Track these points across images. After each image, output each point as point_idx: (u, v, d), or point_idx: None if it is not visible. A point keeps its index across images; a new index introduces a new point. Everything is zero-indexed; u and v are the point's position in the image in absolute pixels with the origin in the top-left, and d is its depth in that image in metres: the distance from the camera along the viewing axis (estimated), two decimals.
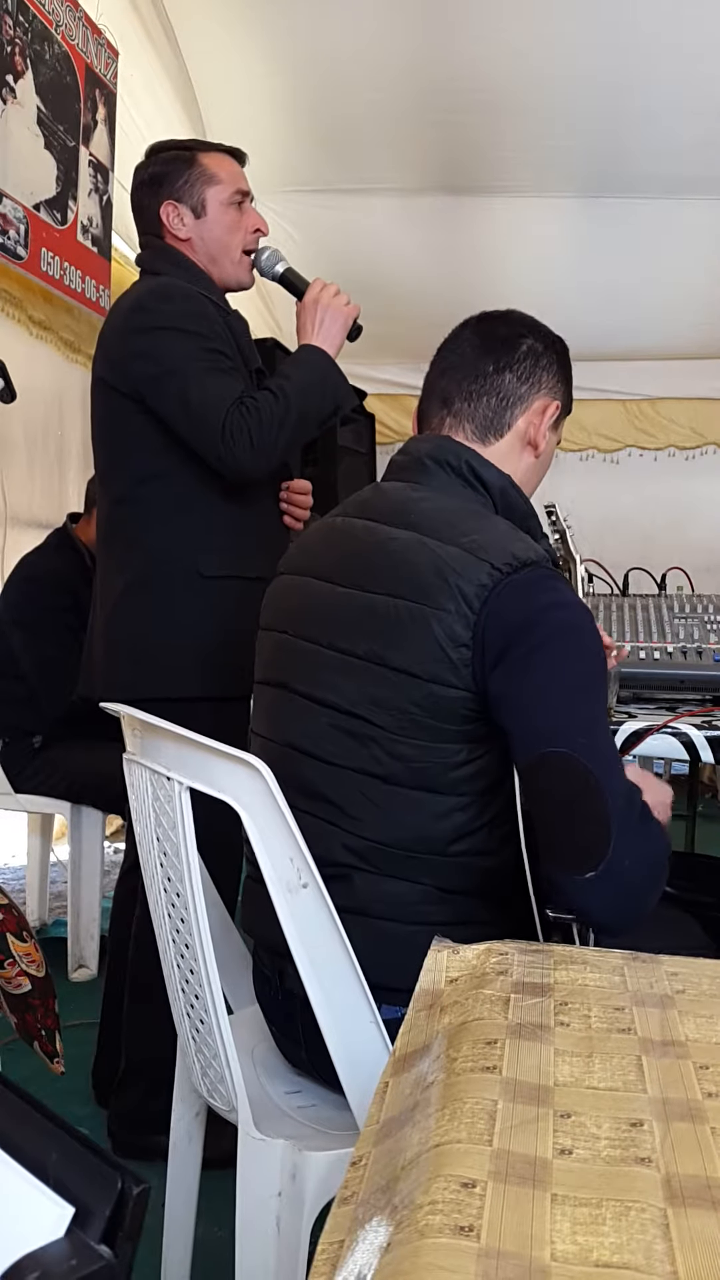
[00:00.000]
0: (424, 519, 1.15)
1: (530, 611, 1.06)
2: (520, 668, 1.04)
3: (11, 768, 2.72)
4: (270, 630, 1.29)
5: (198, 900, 1.10)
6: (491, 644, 1.05)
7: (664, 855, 1.07)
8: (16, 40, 2.83)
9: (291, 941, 1.06)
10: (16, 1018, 1.43)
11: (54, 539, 2.85)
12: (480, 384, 1.23)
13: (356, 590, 1.16)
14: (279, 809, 1.04)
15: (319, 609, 1.20)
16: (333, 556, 1.22)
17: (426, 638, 1.07)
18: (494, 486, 1.21)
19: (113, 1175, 0.44)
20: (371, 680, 1.11)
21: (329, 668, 1.16)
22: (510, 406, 1.24)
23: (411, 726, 1.09)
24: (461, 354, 1.26)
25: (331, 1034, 1.07)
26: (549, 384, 1.26)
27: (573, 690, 1.04)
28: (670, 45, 3.36)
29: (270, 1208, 1.07)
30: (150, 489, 1.76)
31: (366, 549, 1.18)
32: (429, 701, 1.08)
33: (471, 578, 1.07)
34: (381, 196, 4.23)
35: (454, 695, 1.07)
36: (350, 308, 1.79)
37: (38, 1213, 0.43)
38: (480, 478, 1.20)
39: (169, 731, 1.09)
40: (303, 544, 1.31)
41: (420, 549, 1.12)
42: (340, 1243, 0.52)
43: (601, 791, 1.00)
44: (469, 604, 1.06)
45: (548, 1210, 0.49)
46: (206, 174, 1.80)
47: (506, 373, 1.23)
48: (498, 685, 1.05)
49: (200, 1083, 1.23)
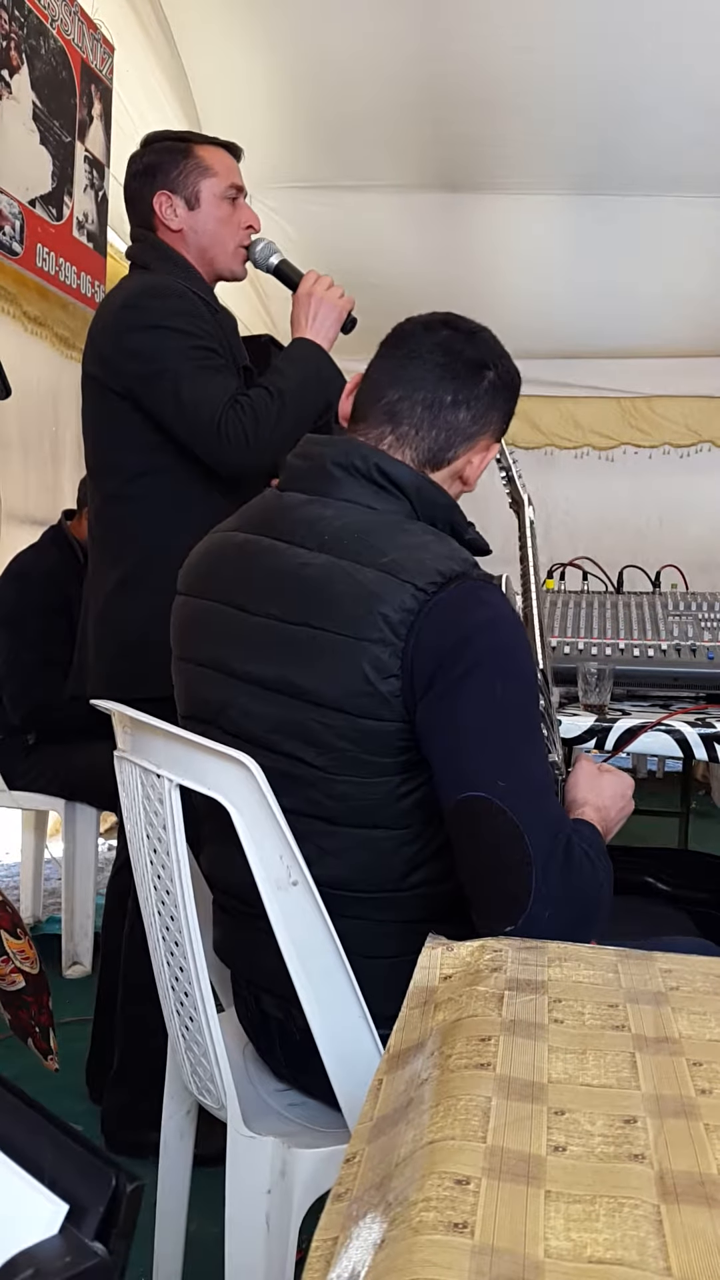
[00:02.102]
0: (337, 540, 1.08)
1: (458, 634, 1.00)
2: (444, 702, 1.00)
3: (5, 764, 2.72)
4: (181, 661, 1.22)
5: (187, 897, 1.10)
6: (420, 672, 1.00)
7: (598, 891, 1.02)
8: (12, 35, 2.82)
9: (281, 939, 1.05)
10: (10, 1014, 1.43)
11: (48, 536, 2.84)
12: (434, 413, 1.16)
13: (272, 620, 1.09)
14: (269, 806, 1.04)
15: (231, 640, 1.13)
16: (238, 579, 1.14)
17: (354, 671, 1.01)
18: (408, 486, 1.13)
19: (107, 1172, 0.44)
20: (301, 718, 1.05)
21: (251, 704, 1.10)
22: (457, 445, 1.17)
23: (347, 763, 1.04)
24: (422, 368, 1.16)
25: (321, 1032, 1.07)
26: (496, 423, 1.21)
27: (495, 727, 0.99)
28: (668, 43, 3.36)
29: (260, 1205, 1.07)
30: (142, 486, 1.75)
31: (276, 574, 1.10)
32: (360, 736, 1.03)
33: (394, 603, 1.01)
34: (378, 193, 4.22)
35: (387, 729, 1.02)
36: (345, 300, 1.79)
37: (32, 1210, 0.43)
38: (392, 479, 1.12)
39: (159, 729, 1.09)
40: (200, 562, 1.22)
41: (339, 575, 1.05)
42: (334, 1239, 0.52)
43: (520, 838, 0.95)
44: (395, 631, 1.01)
45: (541, 1207, 0.49)
46: (202, 166, 1.79)
47: (463, 409, 1.16)
48: (423, 718, 1.01)
49: (190, 1081, 1.23)
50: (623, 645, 1.99)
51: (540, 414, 5.19)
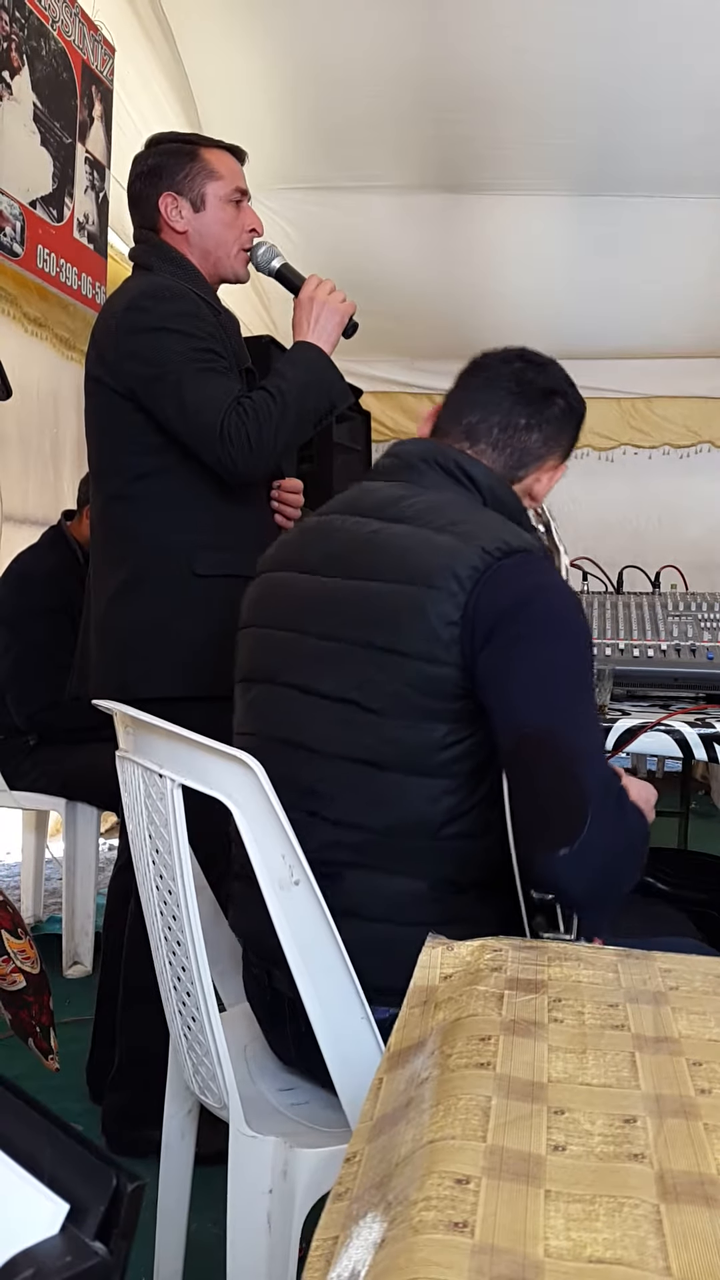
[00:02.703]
0: (415, 513, 1.18)
1: (520, 594, 1.08)
2: (507, 649, 1.06)
3: (6, 765, 2.72)
4: (249, 627, 1.30)
5: (189, 897, 1.10)
6: (481, 623, 1.07)
7: (641, 840, 1.09)
8: (13, 36, 2.82)
9: (283, 938, 1.06)
10: (11, 1014, 1.43)
11: (48, 537, 2.84)
12: (508, 435, 1.28)
13: (344, 579, 1.18)
14: (271, 806, 1.04)
15: (302, 601, 1.22)
16: (316, 551, 1.25)
17: (419, 618, 1.09)
18: (483, 484, 1.24)
19: (107, 1172, 0.44)
20: (361, 665, 1.13)
21: (315, 657, 1.17)
22: (528, 463, 1.29)
23: (403, 707, 1.10)
24: (497, 394, 1.29)
25: (323, 1030, 1.07)
26: (564, 445, 1.32)
27: (556, 675, 1.06)
28: (668, 44, 3.37)
29: (261, 1204, 1.07)
30: (144, 487, 1.75)
31: (354, 541, 1.20)
32: (420, 679, 1.10)
33: (464, 560, 1.09)
34: (379, 194, 4.22)
35: (444, 673, 1.09)
36: (346, 304, 1.79)
37: (32, 1209, 0.43)
38: (469, 475, 1.24)
39: (161, 728, 1.09)
40: (282, 543, 1.34)
41: (413, 537, 1.15)
42: (335, 1239, 0.52)
43: (579, 772, 1.02)
44: (460, 584, 1.08)
45: (541, 1206, 0.49)
46: (208, 169, 1.79)
47: (535, 431, 1.28)
48: (485, 664, 1.07)
49: (192, 1080, 1.23)
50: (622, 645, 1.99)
51: None
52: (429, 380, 5.12)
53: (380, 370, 5.05)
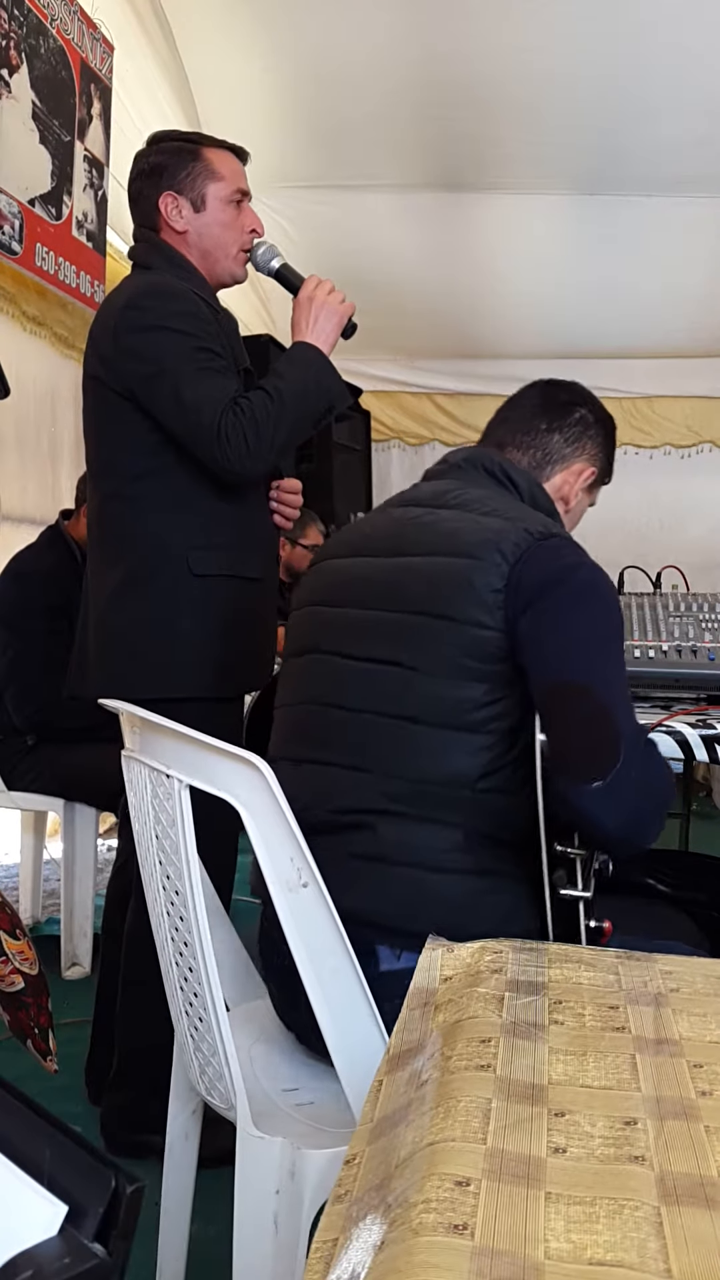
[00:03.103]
0: (463, 501, 1.30)
1: (559, 568, 1.19)
2: (546, 613, 1.16)
3: (4, 765, 2.72)
4: (301, 608, 1.39)
5: (197, 897, 1.10)
6: (524, 590, 1.17)
7: (669, 785, 1.19)
8: (11, 34, 2.82)
9: (291, 940, 1.06)
10: (10, 1015, 1.43)
11: (46, 536, 2.84)
12: (531, 438, 1.40)
13: (397, 556, 1.28)
14: (279, 807, 1.04)
15: (350, 579, 1.32)
16: (370, 536, 1.35)
17: (467, 586, 1.19)
18: (523, 486, 1.35)
19: (106, 1174, 0.44)
20: (408, 630, 1.22)
21: (360, 626, 1.27)
22: (553, 463, 1.40)
23: (446, 666, 1.19)
24: (522, 409, 1.43)
25: (330, 1031, 1.07)
26: (591, 451, 1.43)
27: (593, 639, 1.16)
28: (668, 44, 3.36)
29: (268, 1206, 1.06)
30: (142, 486, 1.75)
31: (403, 525, 1.31)
32: (466, 641, 1.18)
33: (508, 538, 1.20)
34: (378, 193, 4.22)
35: (488, 636, 1.18)
36: (345, 305, 1.78)
37: (31, 1211, 0.43)
38: (511, 477, 1.35)
39: (169, 729, 1.09)
40: (338, 537, 1.44)
41: (460, 519, 1.26)
42: (334, 1241, 0.52)
43: (613, 714, 1.11)
44: (504, 557, 1.18)
45: (541, 1208, 0.49)
46: (209, 169, 1.79)
47: (555, 434, 1.40)
48: (525, 626, 1.16)
49: (198, 1080, 1.23)
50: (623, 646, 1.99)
51: None
52: (428, 379, 5.12)
53: (380, 369, 5.05)
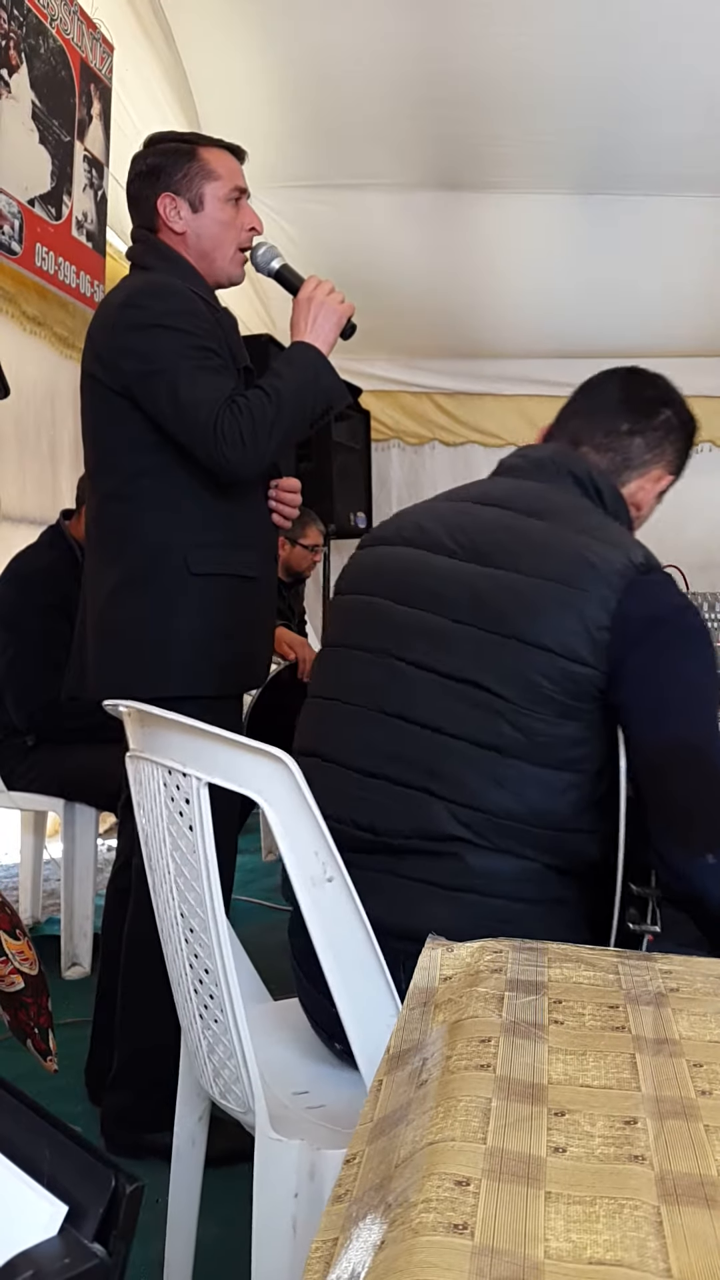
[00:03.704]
0: (555, 512, 1.24)
1: (667, 608, 1.15)
2: (656, 655, 1.12)
3: (4, 765, 2.72)
4: (358, 595, 1.32)
5: (215, 900, 1.08)
6: (631, 627, 1.13)
7: None
8: (11, 34, 2.82)
9: (314, 935, 1.05)
10: (9, 1015, 1.43)
11: (47, 536, 2.84)
12: (611, 440, 1.32)
13: (479, 565, 1.22)
14: (305, 802, 1.03)
15: (426, 578, 1.25)
16: (447, 531, 1.27)
17: (570, 617, 1.14)
18: (608, 499, 1.29)
19: (106, 1174, 0.44)
20: (491, 650, 1.16)
21: (435, 635, 1.20)
22: (632, 468, 1.33)
23: (537, 698, 1.14)
24: (604, 403, 1.34)
25: (354, 1029, 1.06)
26: (670, 457, 1.35)
27: (700, 691, 1.13)
28: (668, 43, 3.36)
29: (287, 1208, 1.06)
30: (141, 485, 1.75)
31: (490, 528, 1.25)
32: (560, 675, 1.13)
33: (614, 567, 1.15)
34: (377, 192, 4.21)
35: (587, 674, 1.13)
36: (345, 305, 1.78)
37: (31, 1211, 0.43)
38: (597, 487, 1.29)
39: (186, 726, 1.07)
40: (402, 522, 1.35)
41: (557, 536, 1.20)
42: (334, 1241, 0.52)
43: None
44: (610, 589, 1.14)
45: (541, 1208, 0.49)
46: (206, 169, 1.79)
47: (637, 437, 1.32)
48: (634, 666, 1.12)
49: (212, 1084, 1.22)
50: None
51: (540, 414, 5.18)
52: (428, 379, 5.11)
53: (379, 369, 5.05)
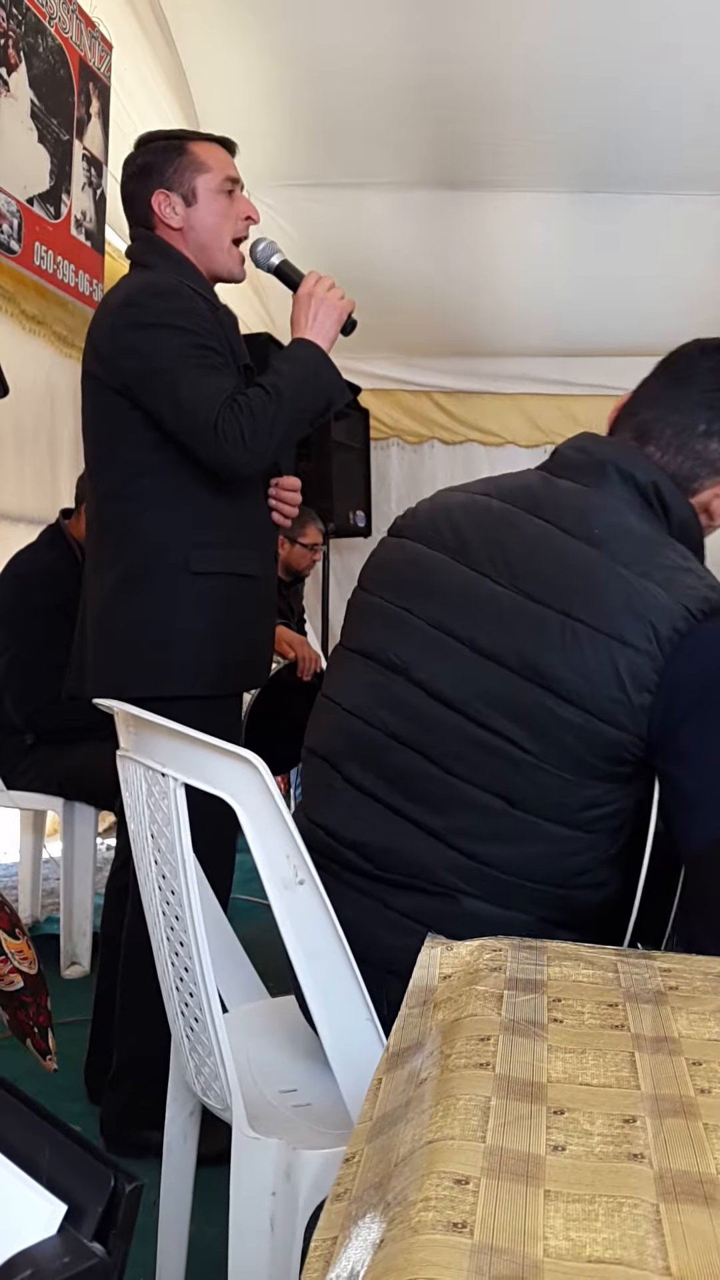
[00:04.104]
0: (611, 537, 1.07)
1: None
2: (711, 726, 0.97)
3: (4, 764, 2.72)
4: (379, 598, 1.18)
5: (192, 897, 1.10)
6: (682, 692, 0.99)
7: None
8: (10, 33, 2.81)
9: (286, 938, 1.06)
10: (9, 1015, 1.43)
11: (46, 535, 2.84)
12: (682, 440, 1.14)
13: (522, 596, 1.07)
14: (275, 805, 1.04)
15: (456, 595, 1.11)
16: (485, 544, 1.12)
17: (607, 671, 1.00)
18: (675, 517, 1.12)
19: (105, 1173, 0.44)
20: (520, 694, 1.04)
21: (461, 670, 1.08)
22: (703, 475, 1.15)
23: (563, 756, 1.03)
24: (682, 392, 1.16)
25: (326, 1031, 1.07)
26: None
27: None
28: (668, 42, 3.36)
29: (264, 1206, 1.06)
30: (141, 485, 1.75)
31: (538, 551, 1.09)
32: (592, 737, 1.02)
33: (665, 619, 1.00)
34: (377, 191, 4.21)
35: (622, 739, 1.01)
36: (345, 302, 1.78)
37: (30, 1210, 0.43)
38: (665, 504, 1.12)
39: (164, 727, 1.09)
40: (438, 514, 1.19)
41: (609, 572, 1.04)
42: (333, 1239, 0.52)
43: None
44: (660, 647, 1.00)
45: (541, 1206, 0.49)
46: (196, 162, 1.79)
47: (715, 440, 1.14)
48: (690, 736, 0.98)
49: (194, 1081, 1.23)
50: None
51: (540, 412, 5.18)
52: (428, 377, 5.11)
53: (379, 367, 5.05)
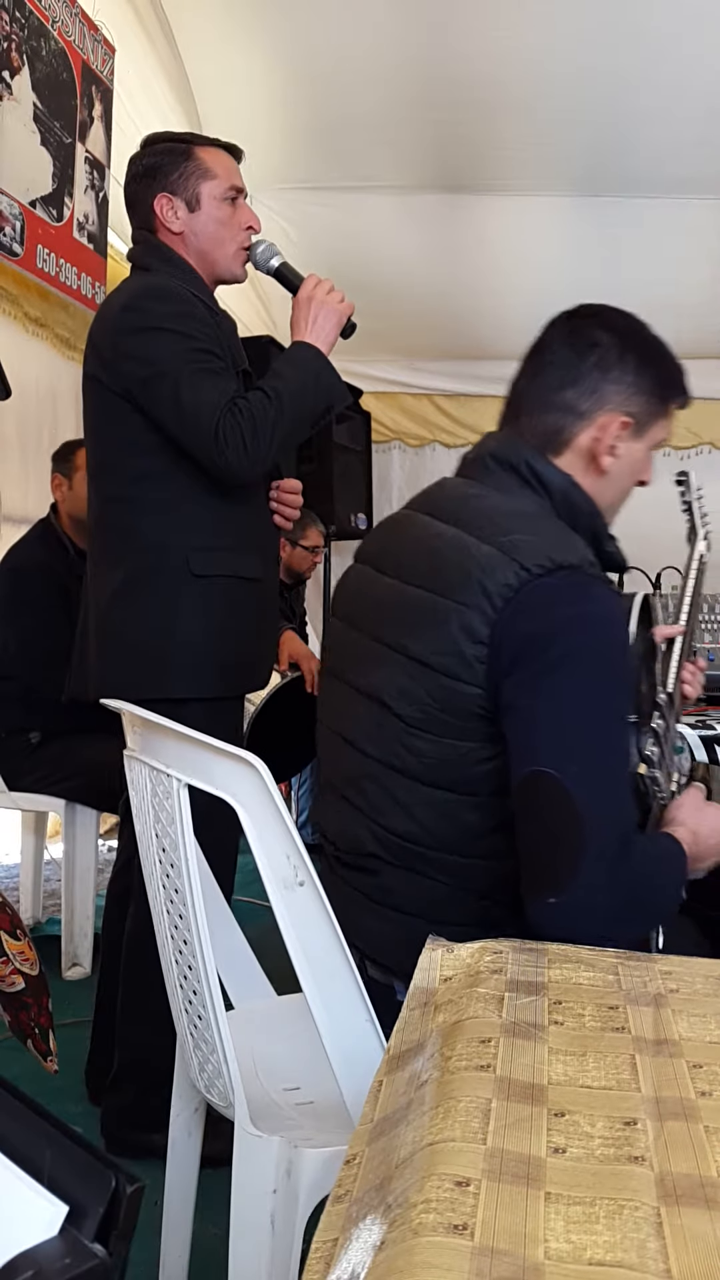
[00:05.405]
0: (472, 516, 1.15)
1: (552, 622, 1.04)
2: (528, 683, 1.03)
3: (7, 765, 2.71)
4: (335, 619, 1.33)
5: (196, 896, 1.10)
6: (508, 648, 1.04)
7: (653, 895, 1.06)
8: (13, 36, 2.82)
9: (287, 938, 1.06)
10: (10, 1016, 1.43)
11: (37, 530, 2.84)
12: (545, 397, 1.20)
13: (398, 581, 1.19)
14: (276, 806, 1.04)
15: (369, 599, 1.24)
16: (389, 548, 1.26)
17: (444, 631, 1.08)
18: (554, 487, 1.18)
19: (107, 1174, 0.44)
20: (397, 669, 1.13)
21: (365, 655, 1.19)
22: (569, 425, 1.20)
23: (426, 719, 1.10)
24: (539, 362, 1.22)
25: (327, 1031, 1.07)
26: (617, 398, 1.20)
27: (577, 714, 1.02)
28: (670, 45, 3.36)
29: (265, 1204, 1.07)
30: (143, 488, 1.75)
31: (415, 542, 1.20)
32: (442, 695, 1.09)
33: (498, 577, 1.06)
34: (379, 194, 4.22)
35: (467, 691, 1.07)
36: (344, 304, 1.78)
37: (32, 1211, 0.43)
38: (540, 478, 1.18)
39: (169, 729, 1.10)
40: (373, 533, 1.35)
41: (456, 545, 1.13)
42: (334, 1241, 0.52)
43: (581, 821, 0.98)
44: (491, 602, 1.06)
45: (541, 1209, 0.49)
46: (202, 168, 1.79)
47: (569, 389, 1.19)
48: (508, 694, 1.05)
49: (198, 1078, 1.23)
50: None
51: None
52: (429, 380, 5.11)
53: (380, 370, 5.05)
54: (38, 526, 2.84)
